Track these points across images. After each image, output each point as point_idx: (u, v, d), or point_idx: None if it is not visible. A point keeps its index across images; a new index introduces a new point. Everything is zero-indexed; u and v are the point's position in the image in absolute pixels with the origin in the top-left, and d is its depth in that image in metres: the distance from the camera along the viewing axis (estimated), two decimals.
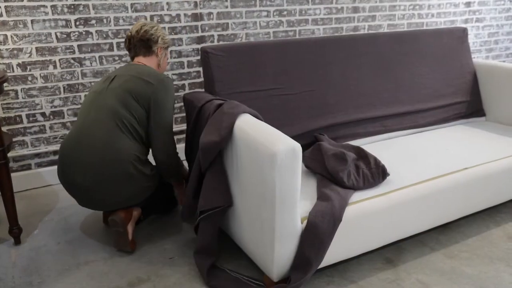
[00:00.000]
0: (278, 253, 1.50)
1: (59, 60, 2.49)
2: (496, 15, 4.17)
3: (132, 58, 2.05)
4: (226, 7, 2.86)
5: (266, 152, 1.41)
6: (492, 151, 2.08)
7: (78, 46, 2.52)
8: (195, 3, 2.76)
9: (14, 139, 2.52)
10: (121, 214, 1.88)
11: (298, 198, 1.47)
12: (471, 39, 4.08)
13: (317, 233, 1.50)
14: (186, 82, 2.89)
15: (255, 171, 1.49)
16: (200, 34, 2.83)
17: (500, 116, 2.57)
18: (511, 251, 1.89)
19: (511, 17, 4.29)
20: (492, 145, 2.16)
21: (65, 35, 2.47)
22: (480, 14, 4.06)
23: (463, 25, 3.99)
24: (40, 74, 2.47)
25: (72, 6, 2.44)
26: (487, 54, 4.28)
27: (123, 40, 2.62)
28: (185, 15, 2.75)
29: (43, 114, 2.54)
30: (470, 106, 2.61)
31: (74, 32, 2.49)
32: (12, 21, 2.34)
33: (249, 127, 1.55)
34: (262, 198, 1.48)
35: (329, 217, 1.53)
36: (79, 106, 2.61)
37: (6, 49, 2.36)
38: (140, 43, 2.01)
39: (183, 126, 2.96)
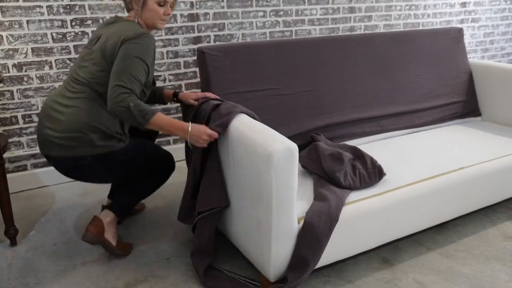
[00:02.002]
0: (275, 253, 1.50)
1: (55, 60, 2.49)
2: (492, 15, 4.18)
3: None
4: (223, 7, 2.86)
5: (263, 152, 1.41)
6: (488, 151, 2.08)
7: (74, 46, 2.51)
8: (191, 3, 2.76)
9: (9, 140, 2.51)
10: (91, 230, 1.76)
11: (295, 198, 1.47)
12: (466, 39, 4.10)
13: (314, 233, 1.50)
14: (182, 83, 2.89)
15: (252, 171, 1.49)
16: (196, 34, 2.83)
17: (496, 116, 2.58)
18: (507, 250, 1.90)
19: (506, 17, 4.31)
20: (488, 144, 2.17)
21: (61, 36, 2.47)
22: (476, 14, 4.07)
23: (459, 25, 4.00)
24: (36, 74, 2.46)
25: (68, 7, 2.44)
26: (482, 54, 4.29)
27: None
28: (181, 15, 2.75)
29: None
30: (466, 106, 2.62)
31: (70, 32, 2.48)
32: (7, 21, 2.33)
33: (246, 127, 1.54)
34: (259, 198, 1.48)
35: (326, 217, 1.53)
36: None
37: (2, 50, 2.35)
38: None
39: None
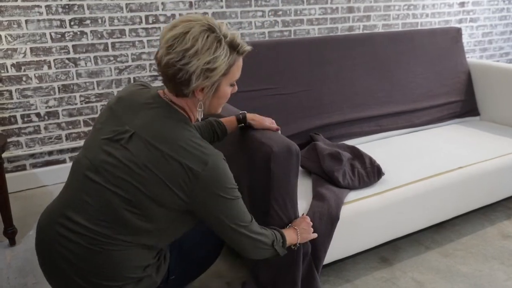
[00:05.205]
0: None
1: (54, 60, 2.48)
2: (490, 15, 4.19)
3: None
4: (221, 7, 2.86)
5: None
6: (486, 150, 2.09)
7: (73, 46, 2.51)
8: (190, 3, 2.76)
9: (8, 140, 2.51)
10: None
11: (296, 199, 1.47)
12: (465, 39, 4.10)
13: (317, 235, 1.50)
14: None
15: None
16: None
17: (494, 116, 2.59)
18: (505, 249, 1.90)
19: (504, 17, 4.32)
20: (486, 144, 2.17)
21: (59, 35, 2.46)
22: (474, 14, 4.08)
23: (457, 25, 4.01)
24: (34, 74, 2.46)
25: (67, 6, 2.44)
26: (481, 54, 4.30)
27: (118, 40, 2.62)
28: (180, 15, 2.75)
29: (37, 115, 2.53)
30: (465, 106, 2.62)
31: (68, 32, 2.48)
32: (6, 21, 2.32)
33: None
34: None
35: (327, 217, 1.53)
36: (73, 106, 2.60)
37: (0, 50, 2.35)
38: (167, 79, 1.13)
39: None
